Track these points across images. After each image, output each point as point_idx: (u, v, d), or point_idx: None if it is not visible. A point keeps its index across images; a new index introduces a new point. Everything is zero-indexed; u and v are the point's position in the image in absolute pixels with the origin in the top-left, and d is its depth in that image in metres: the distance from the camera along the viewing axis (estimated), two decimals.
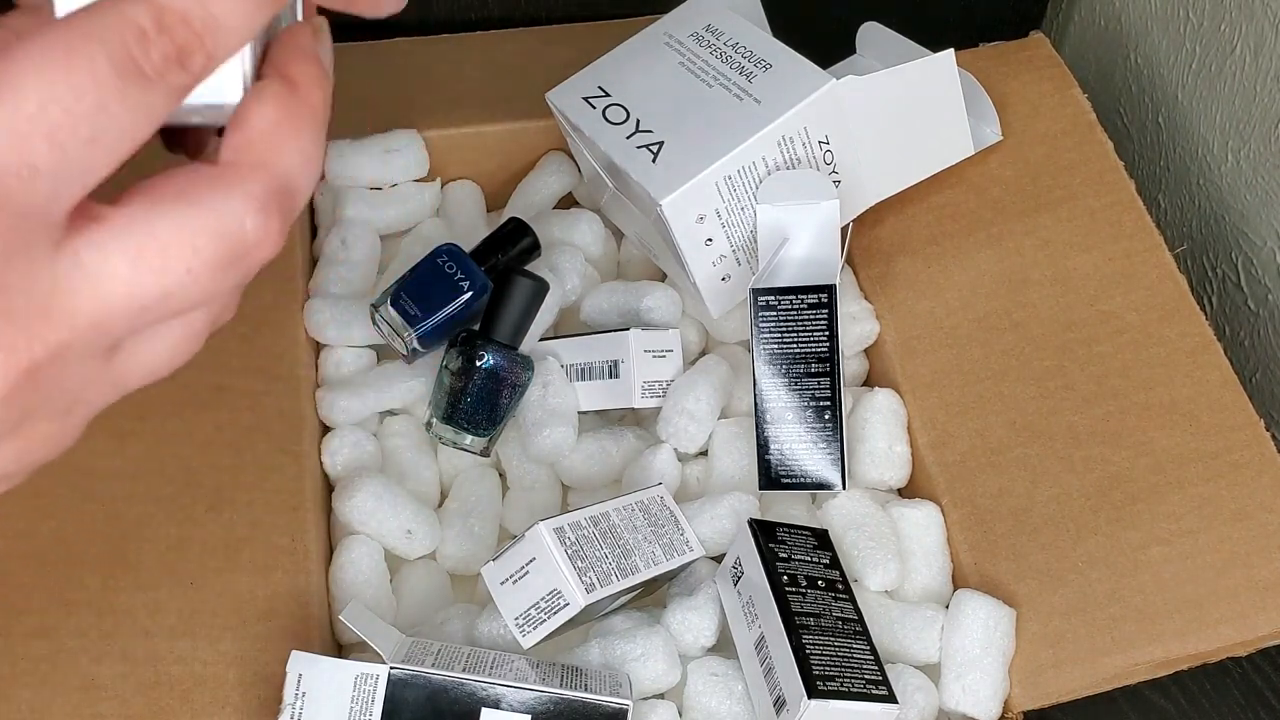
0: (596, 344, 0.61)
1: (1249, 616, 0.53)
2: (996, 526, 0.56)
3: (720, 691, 0.52)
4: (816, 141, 0.59)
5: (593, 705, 0.48)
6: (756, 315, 0.58)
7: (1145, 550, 0.54)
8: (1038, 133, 0.68)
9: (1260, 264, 0.72)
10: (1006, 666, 0.53)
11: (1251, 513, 0.55)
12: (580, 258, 0.65)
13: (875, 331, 0.63)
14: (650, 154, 0.58)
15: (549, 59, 0.71)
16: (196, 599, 0.52)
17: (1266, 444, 0.57)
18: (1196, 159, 0.76)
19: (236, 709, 0.49)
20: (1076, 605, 0.53)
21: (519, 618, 0.50)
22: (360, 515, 0.57)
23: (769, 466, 0.58)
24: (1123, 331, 0.61)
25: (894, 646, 0.54)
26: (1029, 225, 0.65)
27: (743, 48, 0.60)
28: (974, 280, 0.63)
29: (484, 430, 0.59)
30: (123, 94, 0.25)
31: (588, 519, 0.52)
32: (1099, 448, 0.57)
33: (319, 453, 0.60)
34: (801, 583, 0.52)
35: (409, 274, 0.60)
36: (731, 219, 0.59)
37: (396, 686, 0.47)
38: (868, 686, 0.48)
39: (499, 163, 0.71)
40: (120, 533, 0.53)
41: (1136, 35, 0.80)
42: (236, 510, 0.55)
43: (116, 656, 0.49)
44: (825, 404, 0.57)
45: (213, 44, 0.26)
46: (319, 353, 0.64)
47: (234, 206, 0.27)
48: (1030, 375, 0.60)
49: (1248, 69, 0.70)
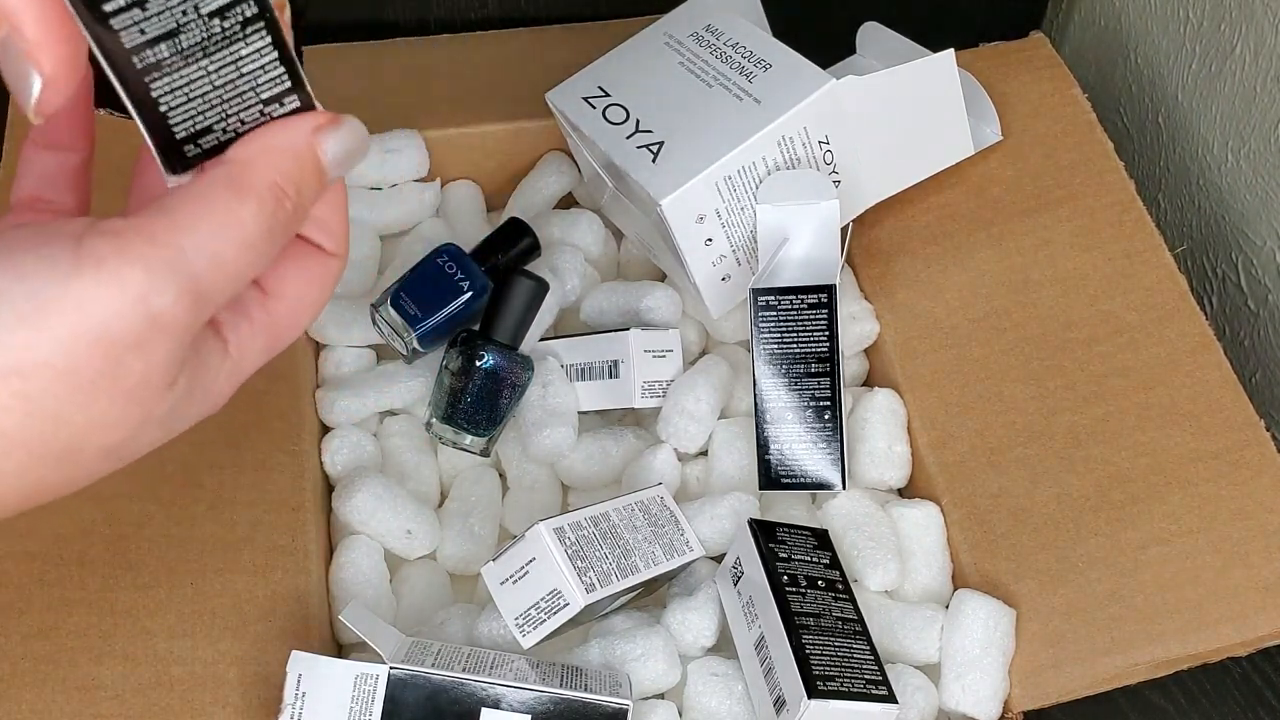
0: (596, 344, 0.61)
1: (1249, 616, 0.53)
2: (996, 526, 0.56)
3: (720, 691, 0.52)
4: (816, 141, 0.59)
5: (593, 705, 0.48)
6: (756, 315, 0.58)
7: (1145, 550, 0.54)
8: (1038, 133, 0.68)
9: (1260, 264, 0.72)
10: (1006, 666, 0.53)
11: (1251, 513, 0.55)
12: (580, 258, 0.65)
13: (875, 331, 0.63)
14: (650, 154, 0.58)
15: (549, 59, 0.71)
16: (196, 599, 0.52)
17: (1266, 444, 0.57)
18: (1196, 159, 0.76)
19: (236, 709, 0.49)
20: (1076, 605, 0.53)
21: (519, 618, 0.50)
22: (360, 515, 0.57)
23: (769, 466, 0.58)
24: (1123, 331, 0.61)
25: (894, 646, 0.54)
26: (1029, 225, 0.65)
27: (743, 48, 0.60)
28: (974, 280, 0.63)
29: (484, 430, 0.59)
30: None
31: (588, 519, 0.52)
32: (1099, 448, 0.57)
33: (319, 453, 0.60)
34: (801, 583, 0.52)
35: (409, 274, 0.60)
36: (731, 219, 0.59)
37: (396, 686, 0.47)
38: (868, 686, 0.48)
39: (499, 163, 0.71)
40: (120, 533, 0.53)
41: (1136, 35, 0.80)
42: (236, 510, 0.55)
43: (116, 656, 0.49)
44: (825, 404, 0.57)
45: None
46: (319, 353, 0.64)
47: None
48: (1030, 375, 0.60)
49: (1248, 69, 0.70)
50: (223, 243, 0.30)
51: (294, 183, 0.33)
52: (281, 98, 0.34)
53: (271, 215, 0.32)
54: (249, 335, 0.35)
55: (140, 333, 0.29)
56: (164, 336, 0.30)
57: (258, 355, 0.36)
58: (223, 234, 0.30)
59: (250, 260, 0.31)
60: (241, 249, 0.31)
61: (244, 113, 0.34)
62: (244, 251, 0.31)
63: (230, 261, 0.31)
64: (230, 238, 0.31)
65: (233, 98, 0.33)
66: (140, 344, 0.29)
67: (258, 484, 0.56)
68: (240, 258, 0.31)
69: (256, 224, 0.31)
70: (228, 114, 0.34)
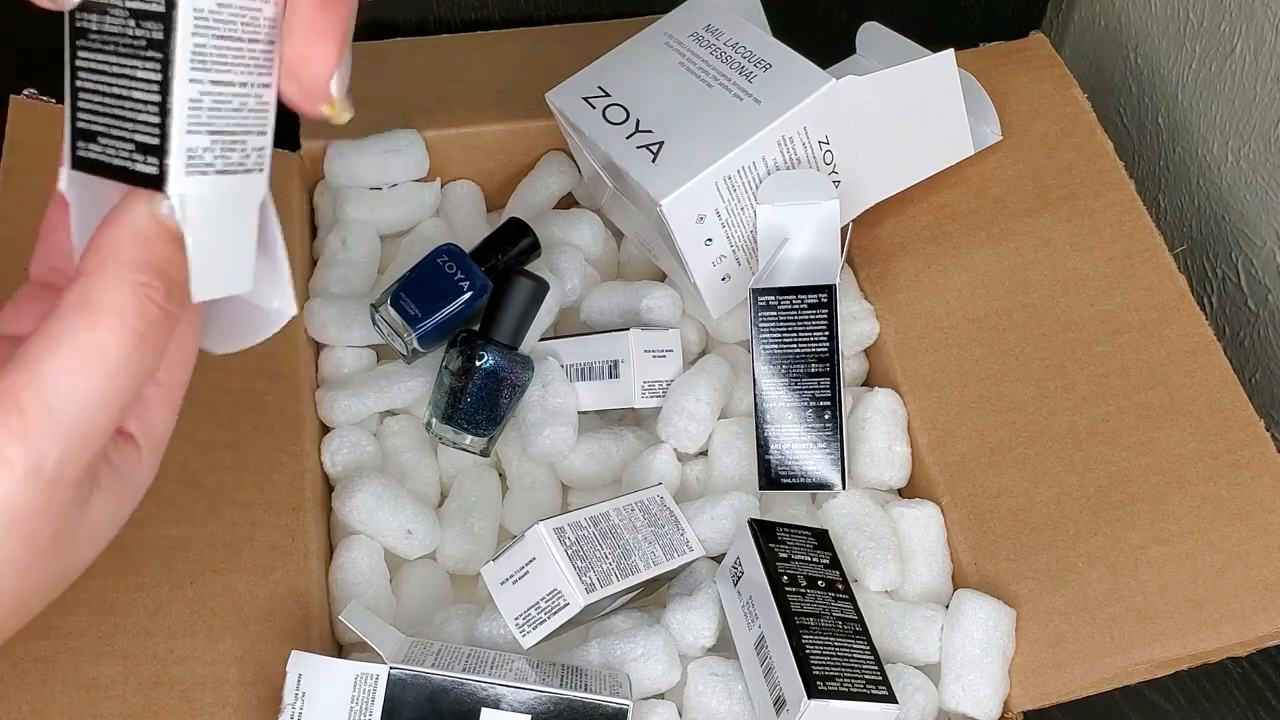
0: (596, 344, 0.61)
1: (1249, 616, 0.53)
2: (996, 526, 0.56)
3: (720, 691, 0.52)
4: (816, 141, 0.59)
5: (593, 705, 0.48)
6: (756, 315, 0.58)
7: (1145, 550, 0.54)
8: (1038, 133, 0.68)
9: (1260, 264, 0.72)
10: (1006, 666, 0.53)
11: (1251, 513, 0.55)
12: (580, 258, 0.65)
13: (875, 331, 0.63)
14: (650, 154, 0.58)
15: (549, 59, 0.71)
16: (196, 599, 0.52)
17: (1266, 444, 0.57)
18: (1196, 159, 0.76)
19: (236, 709, 0.49)
20: (1076, 605, 0.53)
21: (519, 618, 0.50)
22: (360, 515, 0.57)
23: (769, 466, 0.58)
24: (1123, 331, 0.61)
25: (894, 646, 0.54)
26: (1029, 225, 0.65)
27: (743, 48, 0.60)
28: (974, 280, 0.63)
29: (484, 430, 0.59)
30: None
31: (588, 519, 0.52)
32: (1099, 448, 0.57)
33: (319, 453, 0.60)
34: (801, 583, 0.52)
35: (409, 274, 0.60)
36: (731, 219, 0.59)
37: (396, 686, 0.47)
38: (868, 686, 0.48)
39: (499, 163, 0.71)
40: (120, 533, 0.53)
41: (1136, 35, 0.80)
42: (236, 510, 0.55)
43: (116, 656, 0.49)
44: (825, 404, 0.57)
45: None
46: (319, 353, 0.64)
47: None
48: (1030, 375, 0.60)
49: (1248, 69, 0.70)
50: (92, 378, 0.29)
51: (153, 269, 0.30)
52: (146, 153, 0.30)
53: (137, 318, 0.30)
54: (144, 401, 0.34)
55: (42, 499, 0.29)
56: (64, 486, 0.30)
57: (161, 408, 0.34)
58: (89, 370, 0.29)
59: (128, 378, 0.30)
60: (112, 377, 0.29)
61: (118, 143, 0.30)
62: (116, 377, 0.30)
63: (100, 390, 0.29)
64: (97, 372, 0.29)
65: (117, 117, 0.30)
66: (45, 507, 0.30)
67: (258, 484, 0.56)
68: (112, 384, 0.29)
69: (120, 340, 0.29)
70: (109, 132, 0.30)
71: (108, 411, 0.30)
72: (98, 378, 0.29)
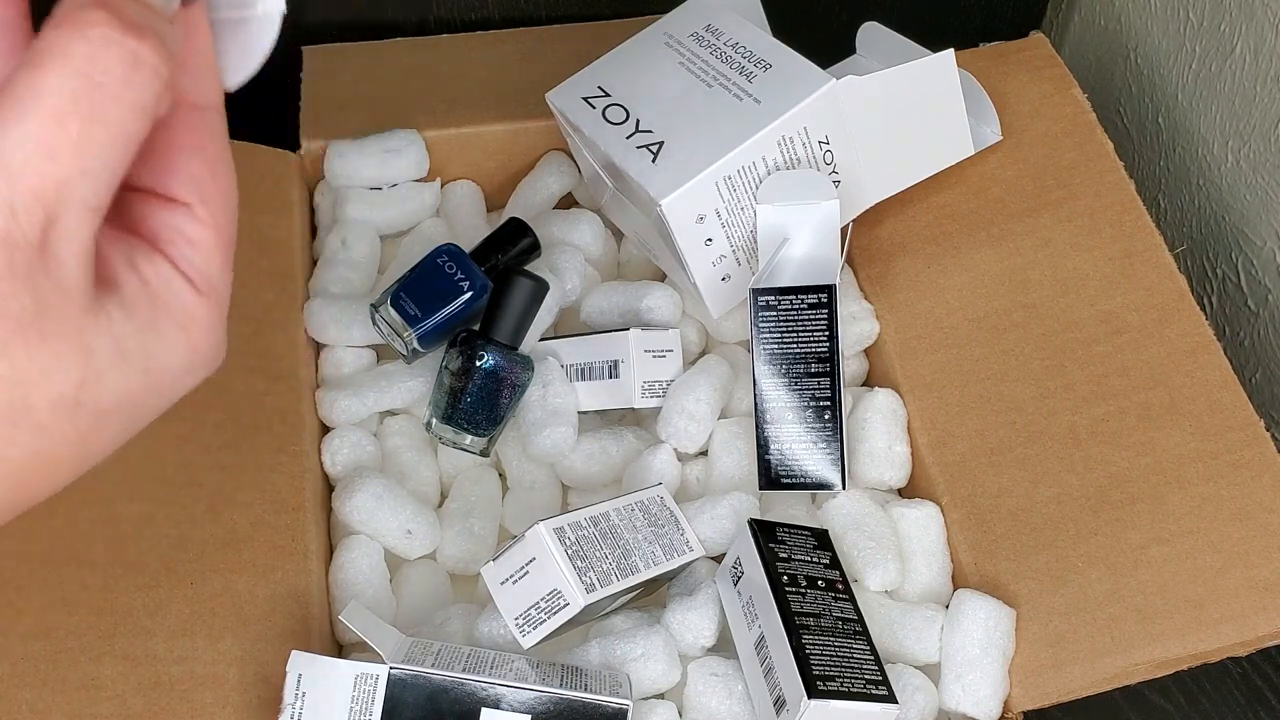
0: (596, 344, 0.61)
1: (1249, 616, 0.53)
2: (996, 526, 0.56)
3: (720, 691, 0.52)
4: (816, 141, 0.59)
5: (593, 705, 0.48)
6: (756, 315, 0.58)
7: (1145, 550, 0.54)
8: (1038, 133, 0.68)
9: (1260, 264, 0.72)
10: (1006, 666, 0.53)
11: (1251, 513, 0.55)
12: (580, 258, 0.65)
13: (875, 331, 0.63)
14: (650, 154, 0.58)
15: (549, 59, 0.71)
16: (196, 599, 0.52)
17: (1266, 444, 0.57)
18: (1196, 159, 0.76)
19: (236, 709, 0.49)
20: (1076, 605, 0.53)
21: (519, 618, 0.50)
22: (360, 515, 0.57)
23: (769, 466, 0.58)
24: (1123, 331, 0.61)
25: (894, 646, 0.54)
26: (1029, 225, 0.65)
27: (742, 48, 0.60)
28: (974, 280, 0.63)
29: (484, 430, 0.59)
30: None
31: (588, 519, 0.52)
32: (1099, 448, 0.57)
33: (319, 453, 0.60)
34: (801, 583, 0.52)
35: (409, 274, 0.60)
36: (731, 219, 0.59)
37: (396, 686, 0.47)
38: (868, 686, 0.48)
39: (499, 163, 0.72)
40: (120, 533, 0.53)
41: (1136, 35, 0.80)
42: (236, 510, 0.55)
43: (116, 656, 0.49)
44: (825, 404, 0.57)
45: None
46: (319, 353, 0.64)
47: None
48: (1030, 375, 0.60)
49: (1248, 69, 0.70)
50: (28, 124, 0.26)
51: (104, 4, 0.27)
52: None
53: (84, 60, 0.27)
54: (190, 241, 0.31)
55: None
56: (24, 249, 0.27)
57: (212, 254, 0.31)
58: (26, 117, 0.26)
59: (80, 124, 0.27)
60: (59, 122, 0.27)
61: None
62: (64, 123, 0.27)
63: (46, 138, 0.27)
64: (36, 117, 0.26)
65: None
66: (7, 265, 0.27)
67: (258, 484, 0.56)
68: (62, 131, 0.27)
69: (61, 83, 0.27)
70: None
71: (57, 162, 0.27)
72: (35, 124, 0.27)
